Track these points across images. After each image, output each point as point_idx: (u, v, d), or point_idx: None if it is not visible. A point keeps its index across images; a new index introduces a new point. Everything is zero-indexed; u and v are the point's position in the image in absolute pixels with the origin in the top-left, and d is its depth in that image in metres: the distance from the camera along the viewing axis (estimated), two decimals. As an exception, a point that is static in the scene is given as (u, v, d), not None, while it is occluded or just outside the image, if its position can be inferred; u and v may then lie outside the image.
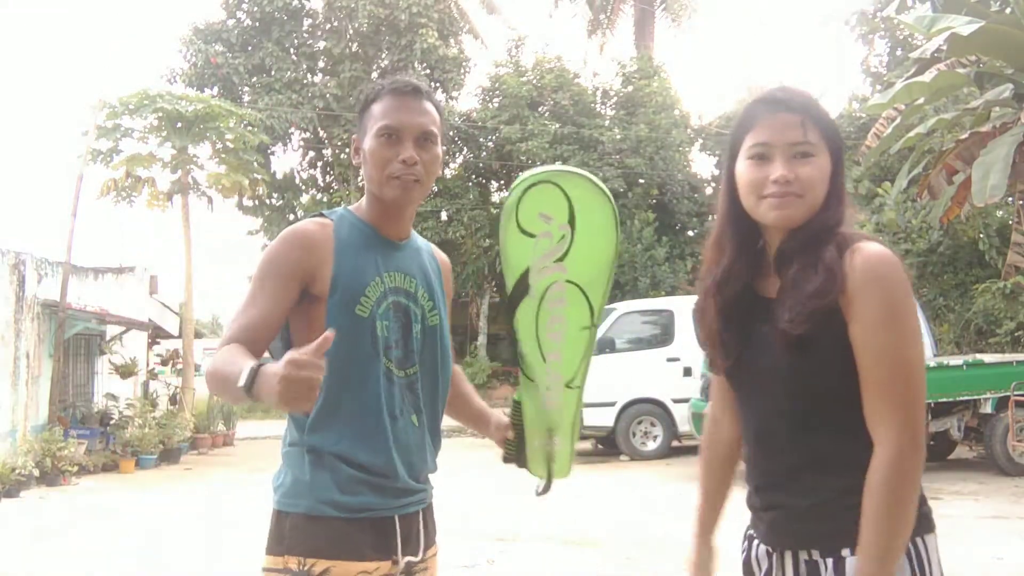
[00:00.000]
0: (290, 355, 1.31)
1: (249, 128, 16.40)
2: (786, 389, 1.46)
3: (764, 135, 1.46)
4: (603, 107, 22.73)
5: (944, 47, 8.50)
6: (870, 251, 1.38)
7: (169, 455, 12.35)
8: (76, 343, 13.24)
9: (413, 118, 1.73)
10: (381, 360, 1.69)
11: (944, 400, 8.75)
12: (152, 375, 16.53)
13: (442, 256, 1.97)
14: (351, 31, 21.41)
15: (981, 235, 14.02)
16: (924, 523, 1.41)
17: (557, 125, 20.85)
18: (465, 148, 22.72)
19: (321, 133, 21.89)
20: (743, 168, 1.49)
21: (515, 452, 1.87)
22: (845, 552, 1.38)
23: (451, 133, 21.98)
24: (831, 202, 1.47)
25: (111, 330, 14.07)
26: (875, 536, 1.33)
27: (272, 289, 1.66)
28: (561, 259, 1.71)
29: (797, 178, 1.43)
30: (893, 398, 1.35)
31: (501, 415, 1.96)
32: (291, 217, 21.35)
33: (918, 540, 1.39)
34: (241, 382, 1.40)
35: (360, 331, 1.67)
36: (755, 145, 1.47)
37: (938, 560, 1.43)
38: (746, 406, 1.58)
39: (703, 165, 27.29)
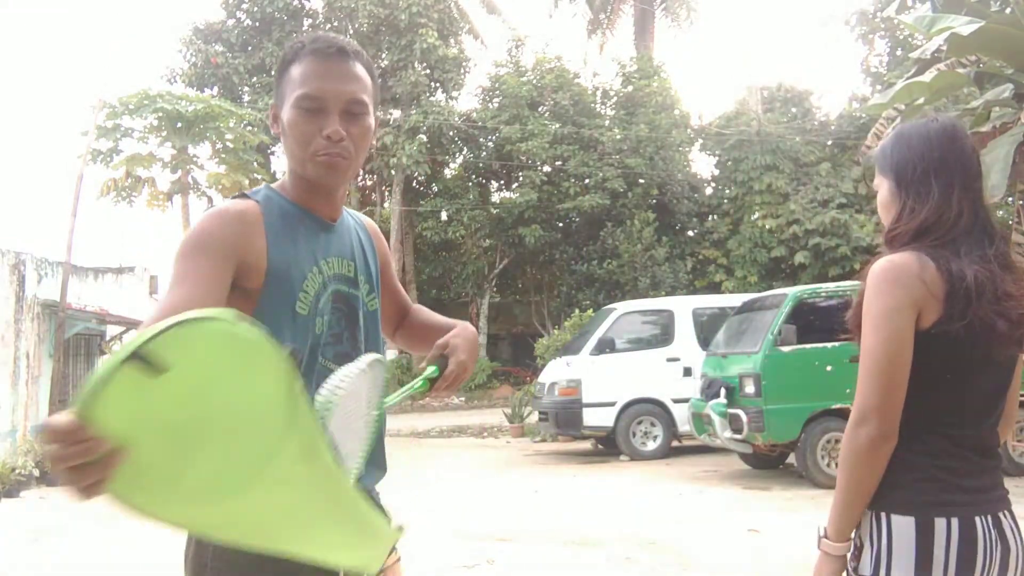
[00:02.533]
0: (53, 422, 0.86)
1: (249, 128, 16.42)
2: None
3: None
4: (603, 107, 22.74)
5: (944, 47, 8.50)
6: (881, 260, 1.61)
7: (169, 455, 12.36)
8: (76, 343, 13.24)
9: (338, 85, 1.48)
10: (318, 360, 1.50)
11: (944, 400, 8.76)
12: (152, 375, 16.52)
13: (369, 223, 1.73)
14: (351, 31, 21.42)
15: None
16: (901, 504, 1.56)
17: (557, 125, 20.86)
18: (465, 148, 22.73)
19: (321, 133, 21.92)
20: None
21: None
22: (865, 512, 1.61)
23: (451, 133, 21.99)
24: (894, 223, 1.70)
25: (111, 330, 14.07)
26: (834, 498, 1.60)
27: (201, 268, 1.37)
28: None
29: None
30: (857, 387, 1.57)
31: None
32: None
33: (882, 515, 1.56)
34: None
35: (300, 331, 1.47)
36: None
37: (913, 544, 1.53)
38: None
39: (703, 165, 27.34)
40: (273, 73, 1.73)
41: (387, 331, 1.81)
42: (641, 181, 20.90)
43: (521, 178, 21.32)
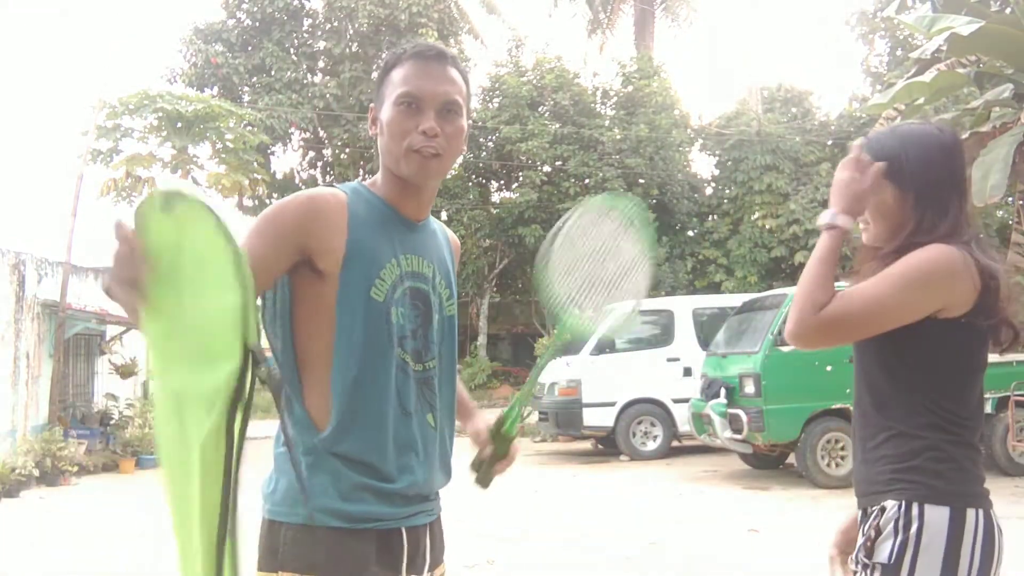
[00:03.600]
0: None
1: (249, 128, 16.43)
2: (858, 365, 1.76)
3: None
4: (603, 107, 22.72)
5: (944, 47, 8.51)
6: (924, 248, 1.61)
7: (169, 455, 12.35)
8: (76, 343, 13.24)
9: (436, 86, 1.56)
10: (395, 351, 1.53)
11: (944, 400, 8.75)
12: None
13: (454, 238, 1.81)
14: (351, 31, 21.42)
15: (981, 235, 14.01)
16: (937, 494, 1.56)
17: (557, 125, 20.85)
18: (465, 148, 22.74)
19: (321, 133, 21.91)
20: None
21: (485, 471, 1.72)
22: (885, 502, 1.60)
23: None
24: (911, 235, 1.68)
25: (111, 330, 14.07)
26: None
27: (258, 249, 1.43)
28: None
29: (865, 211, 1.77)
30: (849, 293, 1.62)
31: (483, 419, 1.79)
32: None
33: (914, 505, 1.55)
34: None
35: (375, 317, 1.51)
36: None
37: (945, 534, 1.53)
38: None
39: (703, 165, 27.34)
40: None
41: None
42: (641, 181, 20.89)
43: (521, 178, 21.31)
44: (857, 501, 1.72)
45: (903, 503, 1.56)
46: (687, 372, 11.20)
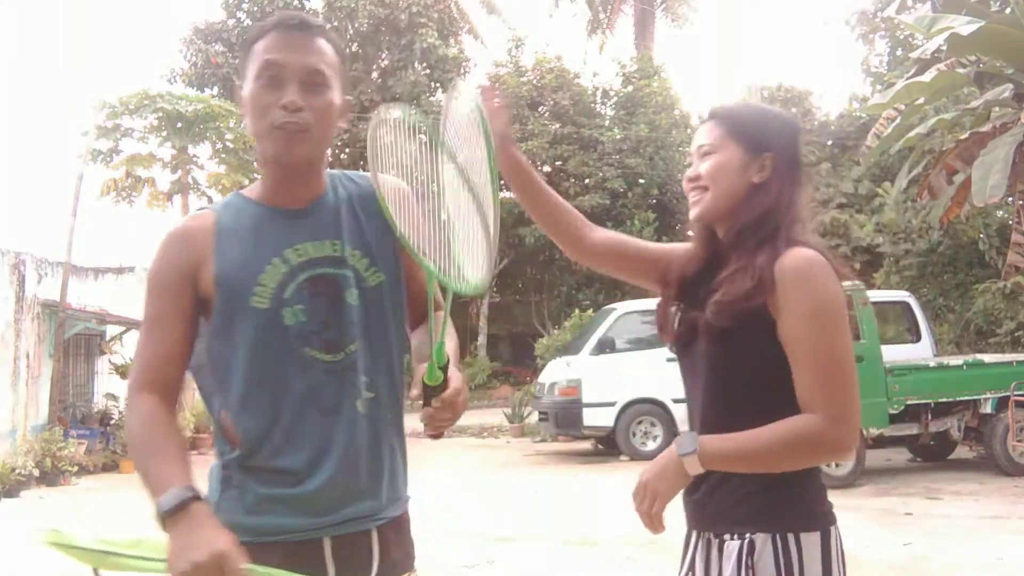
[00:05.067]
0: (222, 550, 1.23)
1: (249, 128, 16.41)
2: (711, 376, 1.57)
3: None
4: (603, 107, 22.74)
5: (944, 47, 8.52)
6: (800, 254, 1.51)
7: (169, 455, 12.35)
8: (76, 343, 13.24)
9: (298, 56, 1.44)
10: (297, 351, 1.45)
11: (944, 400, 8.74)
12: (152, 375, 16.52)
13: (369, 186, 1.59)
14: (351, 31, 21.43)
15: (981, 235, 14.03)
16: (808, 520, 1.50)
17: (557, 125, 20.87)
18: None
19: (321, 133, 21.96)
20: None
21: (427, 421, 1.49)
22: (753, 536, 1.48)
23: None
24: (754, 201, 1.60)
25: (111, 330, 14.07)
26: (741, 441, 1.46)
27: (164, 308, 1.46)
28: None
29: (700, 175, 1.64)
30: (826, 385, 1.45)
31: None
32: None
33: (791, 536, 1.47)
34: (155, 508, 1.28)
35: (262, 326, 1.44)
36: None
37: (820, 558, 1.48)
38: (685, 383, 1.68)
39: (703, 165, 27.33)
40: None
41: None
42: (641, 181, 20.90)
43: (521, 178, 21.34)
44: (693, 524, 1.61)
45: (777, 536, 1.48)
46: (687, 372, 11.21)
